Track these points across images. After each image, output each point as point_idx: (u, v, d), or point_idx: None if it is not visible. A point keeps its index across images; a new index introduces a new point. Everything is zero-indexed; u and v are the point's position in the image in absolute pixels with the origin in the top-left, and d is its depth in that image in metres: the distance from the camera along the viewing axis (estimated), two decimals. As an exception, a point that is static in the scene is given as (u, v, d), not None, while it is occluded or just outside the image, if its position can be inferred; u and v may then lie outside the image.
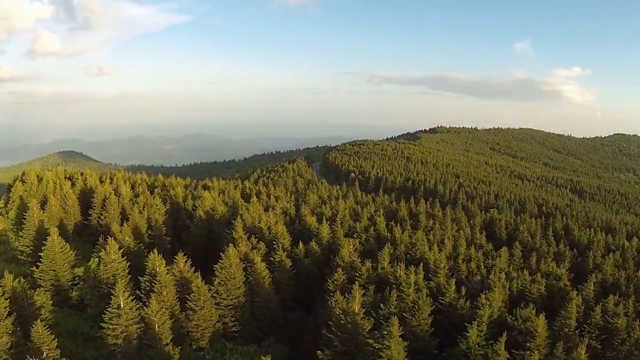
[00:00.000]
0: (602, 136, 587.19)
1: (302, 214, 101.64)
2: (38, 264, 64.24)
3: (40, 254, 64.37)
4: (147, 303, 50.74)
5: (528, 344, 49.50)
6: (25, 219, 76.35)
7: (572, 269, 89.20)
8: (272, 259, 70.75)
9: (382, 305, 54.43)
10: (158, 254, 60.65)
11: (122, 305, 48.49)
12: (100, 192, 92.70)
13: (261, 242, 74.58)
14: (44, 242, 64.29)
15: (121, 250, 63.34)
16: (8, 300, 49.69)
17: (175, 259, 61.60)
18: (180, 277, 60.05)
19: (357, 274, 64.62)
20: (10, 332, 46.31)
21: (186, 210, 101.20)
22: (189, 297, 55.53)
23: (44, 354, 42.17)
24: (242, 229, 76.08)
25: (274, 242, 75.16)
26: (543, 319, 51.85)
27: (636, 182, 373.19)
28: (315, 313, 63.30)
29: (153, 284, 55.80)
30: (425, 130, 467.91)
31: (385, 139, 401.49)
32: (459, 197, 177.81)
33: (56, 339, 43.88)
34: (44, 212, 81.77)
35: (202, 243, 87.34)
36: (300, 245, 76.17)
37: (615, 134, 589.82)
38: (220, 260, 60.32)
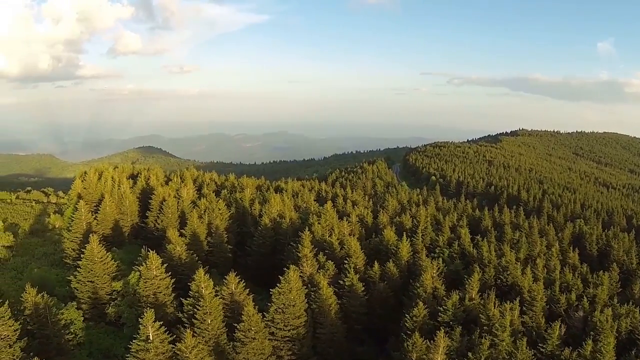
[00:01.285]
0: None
1: (379, 223, 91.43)
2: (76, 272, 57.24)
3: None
4: (182, 335, 41.44)
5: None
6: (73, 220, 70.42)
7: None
8: (341, 281, 59.79)
9: (470, 354, 45.11)
10: (213, 266, 51.75)
11: (151, 338, 39.46)
12: (159, 193, 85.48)
13: (330, 262, 63.49)
14: (82, 249, 57.25)
15: (165, 265, 54.29)
16: (21, 320, 42.26)
17: (225, 278, 52.08)
18: (231, 300, 50.69)
19: (441, 309, 53.08)
20: (18, 358, 38.74)
21: (252, 215, 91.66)
22: (238, 327, 45.94)
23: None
24: (310, 242, 65.53)
25: (345, 261, 64.22)
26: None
27: None
28: (388, 354, 51.97)
29: (197, 309, 46.58)
30: (506, 132, 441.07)
31: (466, 140, 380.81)
32: (544, 205, 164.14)
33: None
34: (97, 212, 75.66)
35: (266, 254, 77.71)
36: (376, 265, 65.12)
37: None
38: (278, 284, 50.21)
